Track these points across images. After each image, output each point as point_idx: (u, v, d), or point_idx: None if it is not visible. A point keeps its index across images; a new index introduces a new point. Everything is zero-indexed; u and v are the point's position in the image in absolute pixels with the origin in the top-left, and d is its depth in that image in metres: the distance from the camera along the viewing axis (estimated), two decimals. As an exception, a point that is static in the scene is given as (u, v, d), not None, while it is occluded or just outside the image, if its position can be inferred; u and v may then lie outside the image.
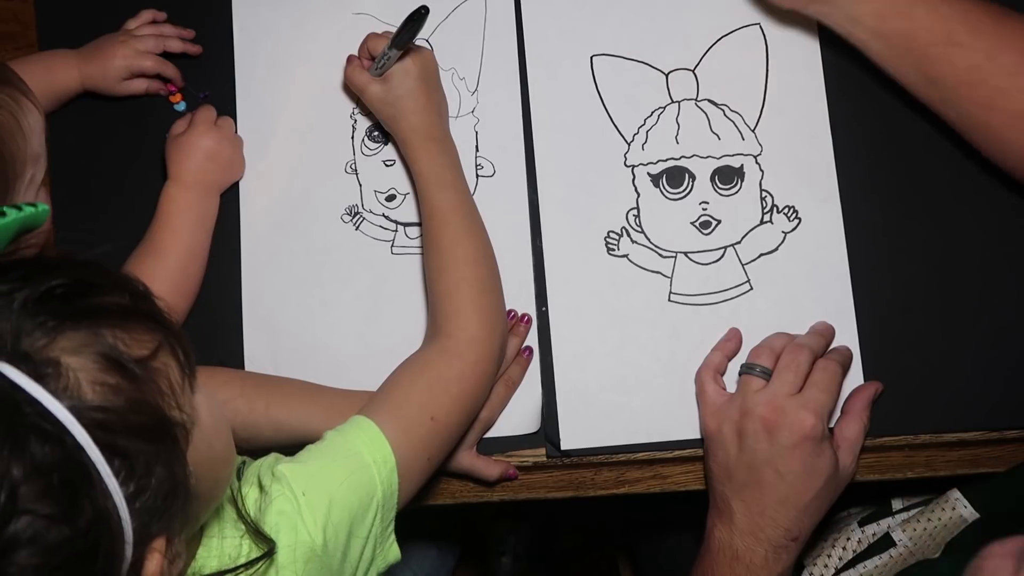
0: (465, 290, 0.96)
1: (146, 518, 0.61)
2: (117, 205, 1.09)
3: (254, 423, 0.97)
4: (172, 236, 1.03)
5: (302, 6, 1.12)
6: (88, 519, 0.58)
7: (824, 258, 1.03)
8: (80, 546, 0.58)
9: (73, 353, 0.61)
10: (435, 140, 1.02)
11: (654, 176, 1.06)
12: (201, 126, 1.05)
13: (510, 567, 1.62)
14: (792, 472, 0.92)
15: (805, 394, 0.94)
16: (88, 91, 1.09)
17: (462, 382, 0.93)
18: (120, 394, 0.61)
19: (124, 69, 1.08)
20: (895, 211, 1.04)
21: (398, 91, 1.02)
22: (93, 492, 0.59)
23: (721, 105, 1.07)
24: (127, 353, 0.63)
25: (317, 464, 0.84)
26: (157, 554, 0.63)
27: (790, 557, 0.94)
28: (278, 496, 0.80)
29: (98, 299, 0.64)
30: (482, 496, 1.03)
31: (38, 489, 0.57)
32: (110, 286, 0.65)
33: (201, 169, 1.04)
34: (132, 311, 0.65)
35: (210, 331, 1.05)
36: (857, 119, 1.06)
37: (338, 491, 0.82)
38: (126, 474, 0.60)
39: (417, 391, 0.92)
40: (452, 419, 0.93)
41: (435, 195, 1.00)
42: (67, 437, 0.58)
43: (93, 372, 0.61)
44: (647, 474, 1.02)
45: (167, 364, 0.65)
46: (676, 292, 1.04)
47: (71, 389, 0.60)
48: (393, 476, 0.86)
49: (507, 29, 1.09)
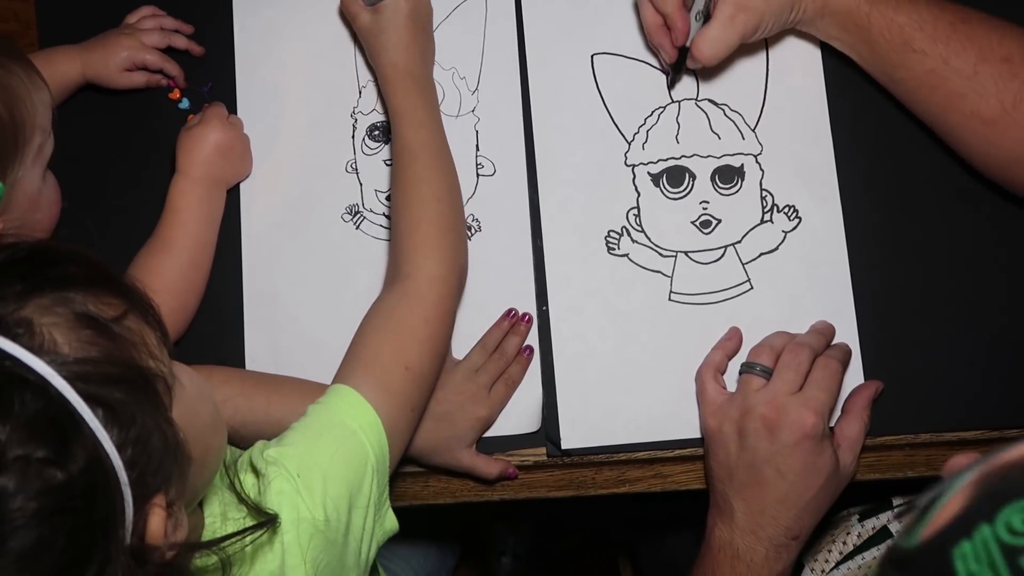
0: (425, 228, 0.95)
1: (141, 470, 0.62)
2: (122, 202, 1.09)
3: (254, 421, 0.97)
4: (182, 231, 1.03)
5: (303, 5, 1.12)
6: (80, 465, 0.59)
7: (824, 257, 1.04)
8: (76, 490, 0.59)
9: (46, 313, 0.62)
10: (413, 77, 1.01)
11: (654, 175, 1.06)
12: (213, 121, 1.05)
13: (510, 567, 1.62)
14: (793, 471, 0.92)
15: (805, 393, 0.94)
16: (90, 82, 1.09)
17: (428, 325, 0.93)
18: (96, 347, 0.62)
19: (127, 60, 1.08)
20: (895, 210, 1.04)
21: (385, 24, 1.02)
22: (82, 438, 0.60)
23: (721, 105, 1.07)
24: (98, 313, 0.64)
25: (304, 442, 0.84)
26: (159, 509, 0.64)
27: (790, 556, 0.94)
28: (275, 477, 0.80)
29: (63, 268, 0.65)
30: (482, 496, 1.03)
31: (26, 434, 0.58)
32: (72, 257, 0.66)
33: (209, 162, 1.04)
34: (96, 278, 0.66)
35: (211, 330, 1.05)
36: (857, 119, 1.06)
37: (331, 466, 0.82)
38: (112, 423, 0.61)
39: (387, 343, 0.91)
40: (425, 365, 0.92)
41: (406, 132, 0.99)
42: (50, 388, 0.59)
43: (67, 330, 0.62)
44: (647, 473, 1.02)
45: (139, 326, 0.66)
46: (676, 291, 1.04)
47: (47, 344, 0.61)
48: (382, 438, 0.86)
49: (507, 28, 1.10)
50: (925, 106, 1.00)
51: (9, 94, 0.87)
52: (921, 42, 0.96)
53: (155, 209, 1.05)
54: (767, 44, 1.07)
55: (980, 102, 0.95)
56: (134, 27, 1.10)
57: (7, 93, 0.87)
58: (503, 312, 1.04)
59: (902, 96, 1.01)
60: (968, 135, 0.98)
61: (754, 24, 0.99)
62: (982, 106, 0.95)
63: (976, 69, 0.95)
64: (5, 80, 0.87)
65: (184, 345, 1.03)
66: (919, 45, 0.96)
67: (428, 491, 1.03)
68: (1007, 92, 0.94)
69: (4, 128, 0.87)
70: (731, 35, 0.99)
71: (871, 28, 0.98)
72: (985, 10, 0.98)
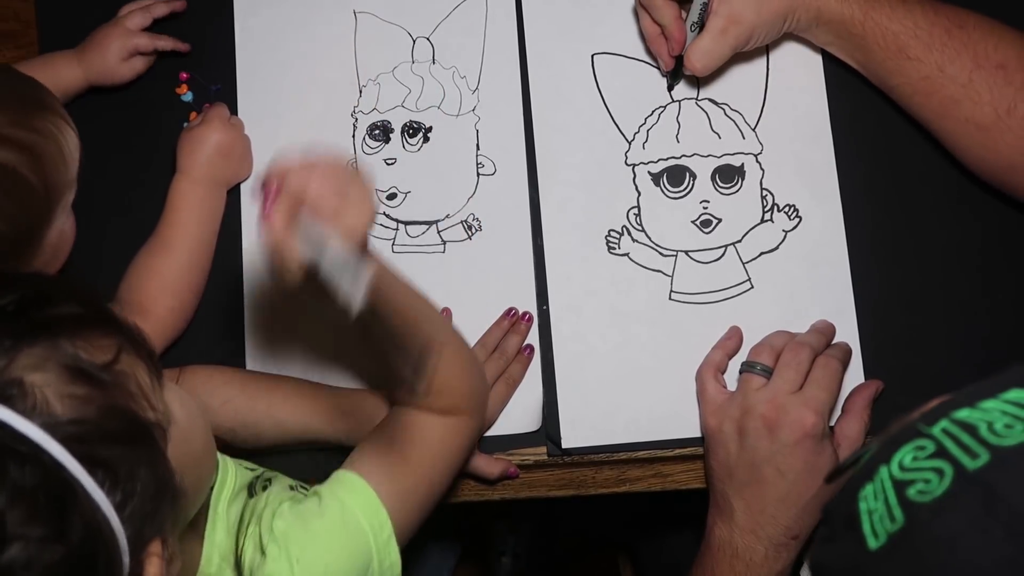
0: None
1: (138, 524, 0.61)
2: (122, 201, 1.09)
3: (255, 423, 0.97)
4: (182, 231, 1.03)
5: (303, 4, 1.12)
6: (80, 535, 0.58)
7: (824, 257, 1.04)
8: (77, 562, 0.58)
9: (35, 369, 0.60)
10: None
11: (655, 175, 1.06)
12: (215, 121, 1.05)
13: (510, 567, 1.62)
14: (793, 470, 0.92)
15: (806, 392, 0.94)
16: (94, 85, 1.09)
17: (463, 451, 0.92)
18: (91, 403, 0.61)
19: (120, 50, 1.07)
20: (895, 210, 1.04)
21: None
22: (81, 507, 0.58)
23: (722, 104, 1.07)
24: (90, 360, 0.62)
25: (314, 530, 0.81)
26: (155, 558, 0.63)
27: (790, 555, 0.94)
28: (272, 560, 0.79)
29: (51, 311, 0.63)
30: (483, 495, 1.03)
31: (25, 513, 0.56)
32: (61, 296, 0.65)
33: (210, 163, 1.04)
34: (87, 318, 0.64)
35: (211, 330, 1.05)
36: (857, 118, 1.06)
37: (334, 560, 0.81)
38: (111, 483, 0.60)
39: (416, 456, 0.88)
40: (447, 481, 0.91)
41: None
42: (44, 456, 0.58)
43: (59, 385, 0.60)
44: (648, 473, 1.02)
45: (132, 365, 0.65)
46: (677, 291, 1.04)
47: (40, 406, 0.59)
48: (391, 544, 0.84)
49: (508, 27, 1.10)
50: (921, 111, 1.00)
51: (44, 163, 0.84)
52: (916, 49, 0.97)
53: (155, 208, 1.04)
54: (767, 45, 1.07)
55: (975, 108, 0.96)
56: (118, 16, 1.09)
57: (42, 163, 0.83)
58: (503, 311, 1.04)
59: (898, 101, 1.02)
60: (964, 140, 0.99)
61: (745, 36, 1.00)
62: (977, 112, 0.96)
63: (971, 76, 0.95)
64: (41, 147, 0.83)
65: (184, 345, 1.03)
66: (914, 52, 0.97)
67: (428, 490, 1.03)
68: (1002, 99, 0.95)
69: (39, 199, 0.83)
70: (722, 47, 1.00)
71: (866, 36, 0.98)
72: (984, 11, 0.98)
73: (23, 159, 0.81)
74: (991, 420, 0.53)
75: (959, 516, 0.51)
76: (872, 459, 0.56)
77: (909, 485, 0.53)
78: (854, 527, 0.55)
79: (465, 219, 1.07)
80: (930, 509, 0.52)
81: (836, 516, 0.57)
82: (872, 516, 0.54)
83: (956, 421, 0.54)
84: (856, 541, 0.54)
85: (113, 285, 1.02)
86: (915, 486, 0.53)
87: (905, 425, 0.57)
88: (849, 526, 0.55)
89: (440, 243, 1.07)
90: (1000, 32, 0.97)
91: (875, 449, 0.57)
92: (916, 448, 0.54)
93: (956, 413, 0.55)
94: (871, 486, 0.55)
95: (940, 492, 0.52)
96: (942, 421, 0.55)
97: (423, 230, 1.07)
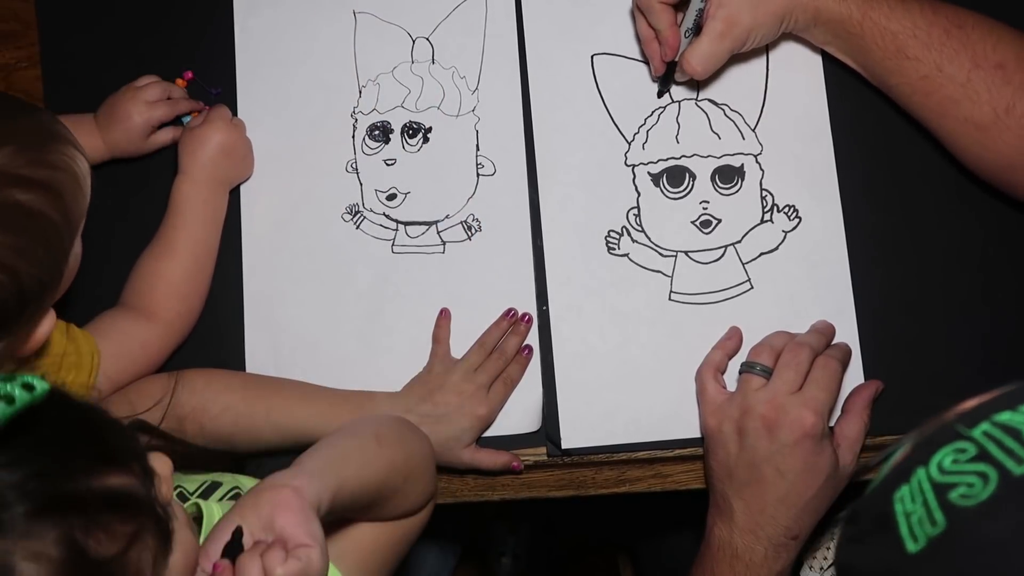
0: None
1: None
2: (124, 203, 1.09)
3: (254, 427, 0.97)
4: (185, 233, 1.03)
5: (303, 4, 1.12)
6: None
7: (824, 257, 1.04)
8: None
9: (33, 559, 0.57)
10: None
11: (655, 175, 1.06)
12: (217, 122, 1.05)
13: (510, 567, 1.62)
14: (792, 470, 0.92)
15: (805, 392, 0.94)
16: (116, 157, 1.07)
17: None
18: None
19: (144, 125, 1.05)
20: (895, 210, 1.04)
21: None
22: None
23: (721, 104, 1.07)
24: (95, 555, 0.59)
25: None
26: None
27: (790, 555, 0.94)
28: None
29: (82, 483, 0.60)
30: (483, 495, 1.03)
31: None
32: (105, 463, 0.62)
33: (213, 163, 1.04)
34: (114, 500, 0.62)
35: (211, 331, 1.05)
36: (857, 118, 1.06)
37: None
38: None
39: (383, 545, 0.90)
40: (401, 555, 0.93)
41: None
42: None
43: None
44: (647, 473, 1.03)
45: (141, 551, 0.62)
46: (676, 291, 1.04)
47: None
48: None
49: (508, 28, 1.10)
50: (920, 111, 1.00)
51: (65, 198, 0.80)
52: (915, 49, 0.97)
53: (158, 210, 1.05)
54: (767, 45, 1.07)
55: (973, 108, 0.96)
56: (134, 87, 1.07)
57: (63, 198, 0.80)
58: (503, 312, 1.04)
59: (897, 100, 1.02)
60: (962, 140, 0.99)
61: (743, 38, 1.00)
62: (975, 112, 0.96)
63: (969, 76, 0.95)
64: (60, 183, 0.79)
65: (184, 345, 1.03)
66: (913, 52, 0.97)
67: (428, 491, 1.03)
68: (1000, 98, 0.95)
69: (62, 235, 0.80)
70: (720, 50, 1.00)
71: (864, 36, 0.98)
72: (984, 11, 0.98)
73: (46, 199, 0.78)
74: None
75: (1006, 522, 0.50)
76: (907, 460, 0.55)
77: (951, 488, 0.52)
78: (889, 529, 0.54)
79: (465, 219, 1.07)
80: (975, 513, 0.51)
81: (867, 517, 0.56)
82: (910, 519, 0.53)
83: (998, 424, 0.53)
84: (892, 544, 0.53)
85: (113, 287, 1.02)
86: (957, 490, 0.52)
87: (941, 426, 0.55)
88: (883, 528, 0.54)
89: (440, 243, 1.07)
90: (999, 32, 0.97)
91: (908, 449, 0.56)
92: (956, 451, 0.53)
93: (998, 416, 0.53)
94: (907, 488, 0.54)
95: (985, 496, 0.51)
96: (983, 424, 0.53)
97: (423, 230, 1.07)
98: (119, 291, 1.02)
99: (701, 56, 1.00)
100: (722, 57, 1.01)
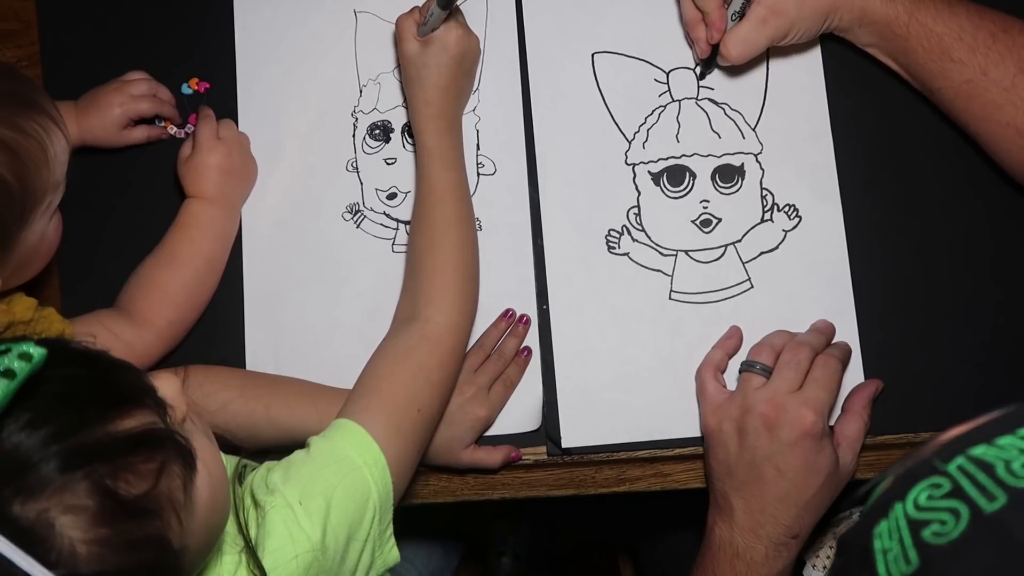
0: (450, 274, 0.96)
1: None
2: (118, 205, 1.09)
3: (254, 424, 0.97)
4: (191, 247, 1.02)
5: (303, 4, 1.12)
6: None
7: (824, 256, 1.04)
8: None
9: (69, 512, 0.59)
10: (445, 119, 1.01)
11: (655, 174, 1.06)
12: (206, 144, 1.04)
13: (510, 567, 1.62)
14: (792, 469, 0.92)
15: (805, 391, 0.94)
16: (87, 145, 1.06)
17: (443, 370, 0.94)
18: (116, 547, 0.60)
19: (122, 116, 1.06)
20: (895, 209, 1.04)
21: (428, 59, 1.00)
22: None
23: (722, 104, 1.07)
24: (127, 494, 0.61)
25: (308, 471, 0.84)
26: None
27: (790, 554, 0.94)
28: (272, 508, 0.80)
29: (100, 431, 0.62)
30: (483, 494, 1.03)
31: None
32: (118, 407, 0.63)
33: (219, 185, 1.04)
34: (138, 439, 0.63)
35: (212, 329, 1.05)
36: (857, 118, 1.06)
37: (334, 496, 0.82)
38: None
39: (401, 384, 0.92)
40: (435, 407, 0.94)
41: (436, 173, 0.99)
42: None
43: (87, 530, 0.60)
44: (648, 472, 1.03)
45: (170, 481, 0.64)
46: (677, 290, 1.04)
47: (65, 559, 0.59)
48: (386, 476, 0.86)
49: (508, 27, 1.10)
50: (962, 115, 0.99)
51: (24, 163, 0.82)
52: (960, 52, 0.96)
53: (151, 213, 1.05)
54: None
55: (1016, 113, 0.95)
56: (123, 80, 1.07)
57: (22, 163, 0.81)
58: (500, 313, 1.04)
59: (939, 104, 1.01)
60: (1004, 144, 0.98)
61: (784, 29, 0.99)
62: (1018, 117, 0.95)
63: (1014, 80, 0.95)
64: (23, 147, 0.81)
65: (184, 345, 1.04)
66: (958, 55, 0.96)
67: (428, 489, 1.03)
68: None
69: (13, 200, 0.82)
70: (760, 37, 1.00)
71: (909, 38, 0.98)
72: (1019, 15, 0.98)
73: (3, 158, 0.80)
74: (1008, 459, 0.52)
75: (975, 561, 0.49)
76: (887, 494, 0.55)
77: (924, 526, 0.51)
78: (869, 565, 0.53)
79: (465, 219, 1.07)
80: (945, 552, 0.50)
81: (851, 549, 0.56)
82: (887, 556, 0.53)
83: (972, 459, 0.52)
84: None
85: (105, 288, 1.02)
86: (930, 527, 0.51)
87: (921, 459, 0.55)
88: (864, 563, 0.54)
89: (440, 243, 1.06)
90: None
91: (890, 481, 0.55)
92: (932, 486, 0.53)
93: (972, 450, 0.53)
94: (886, 523, 0.53)
95: (956, 535, 0.50)
96: (958, 458, 0.53)
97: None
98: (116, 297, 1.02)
99: (738, 39, 1.00)
100: (760, 44, 1.00)
